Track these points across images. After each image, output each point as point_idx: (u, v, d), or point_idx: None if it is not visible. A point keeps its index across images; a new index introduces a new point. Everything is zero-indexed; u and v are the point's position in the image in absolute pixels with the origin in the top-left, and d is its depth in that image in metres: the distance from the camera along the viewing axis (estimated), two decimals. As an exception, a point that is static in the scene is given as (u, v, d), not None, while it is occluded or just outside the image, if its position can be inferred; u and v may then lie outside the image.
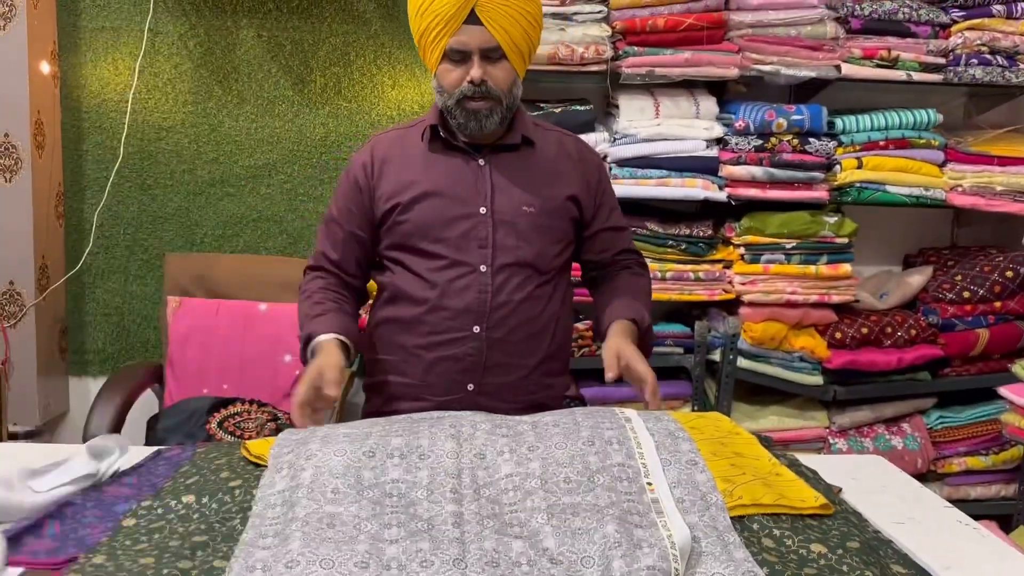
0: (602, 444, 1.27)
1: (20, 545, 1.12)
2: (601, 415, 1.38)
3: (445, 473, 1.21)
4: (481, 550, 1.05)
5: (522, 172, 1.74)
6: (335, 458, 1.22)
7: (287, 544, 1.05)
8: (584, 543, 1.06)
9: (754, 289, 2.73)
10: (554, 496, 1.16)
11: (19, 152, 2.68)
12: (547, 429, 1.32)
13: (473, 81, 1.63)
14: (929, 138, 2.78)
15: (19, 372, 2.79)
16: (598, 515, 1.11)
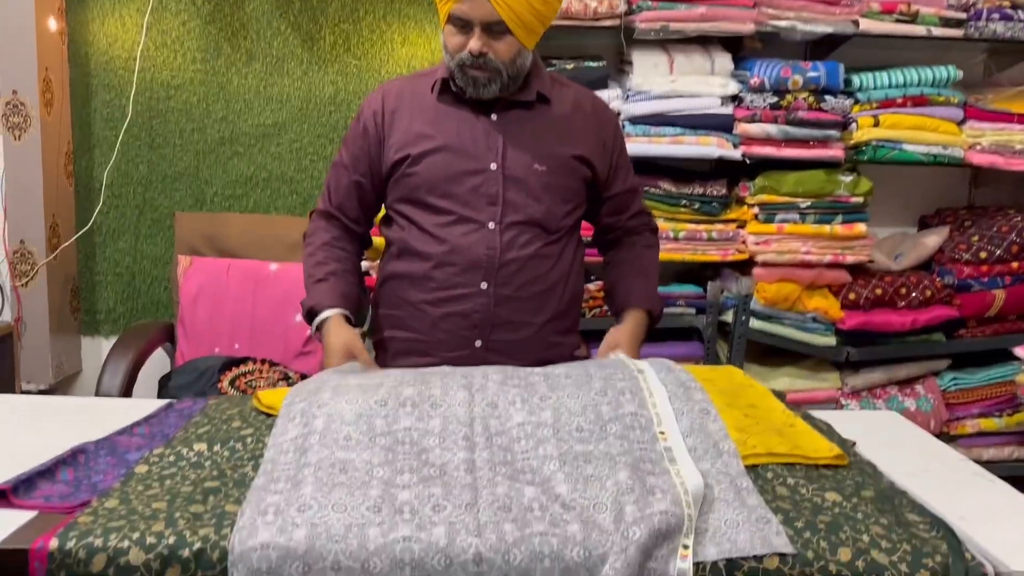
0: (614, 394, 1.27)
1: (34, 489, 1.12)
2: (613, 366, 1.37)
3: (457, 422, 1.20)
4: (493, 495, 1.05)
5: (534, 129, 1.71)
6: (347, 406, 1.22)
7: (299, 489, 1.05)
8: (596, 489, 1.06)
9: (768, 249, 2.71)
10: (566, 444, 1.16)
11: (27, 110, 2.67)
12: (559, 380, 1.31)
13: (472, 52, 1.60)
14: (948, 95, 2.73)
15: (32, 331, 2.80)
16: (610, 463, 1.11)
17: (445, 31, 1.64)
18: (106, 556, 0.96)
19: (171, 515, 1.02)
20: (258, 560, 0.96)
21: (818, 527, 1.04)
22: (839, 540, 1.01)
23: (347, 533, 0.98)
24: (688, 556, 0.99)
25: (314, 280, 1.73)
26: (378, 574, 0.97)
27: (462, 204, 1.67)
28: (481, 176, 1.67)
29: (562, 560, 0.98)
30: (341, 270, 1.74)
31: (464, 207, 1.67)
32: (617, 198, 1.82)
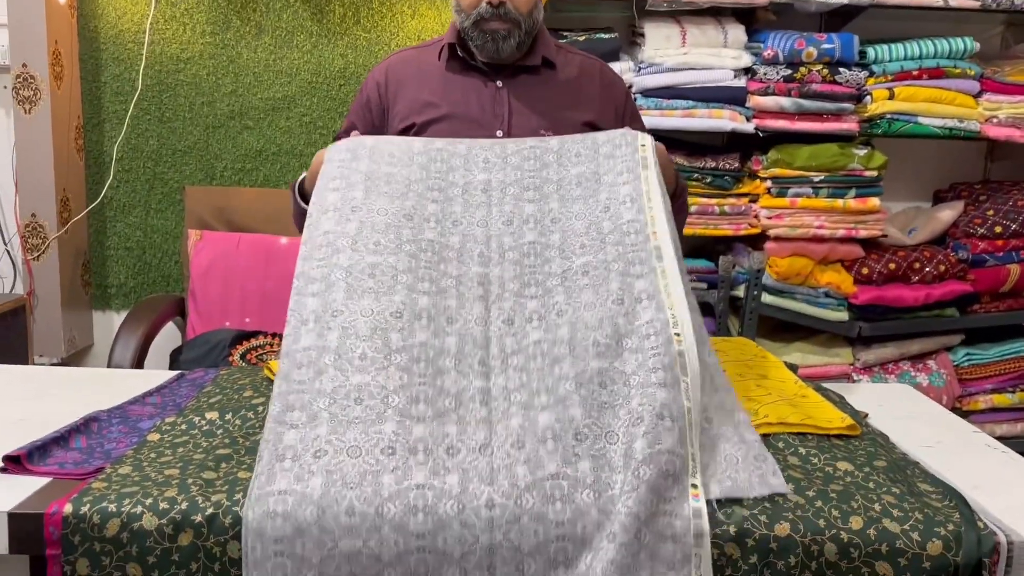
0: (631, 302, 1.22)
1: (47, 456, 1.13)
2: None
3: (473, 343, 1.19)
4: (507, 430, 1.07)
5: (540, 95, 1.70)
6: (362, 320, 1.17)
7: (315, 428, 1.06)
8: (609, 418, 1.07)
9: (780, 223, 2.69)
10: (582, 362, 1.13)
11: (37, 83, 2.66)
12: (576, 280, 1.24)
13: (491, 3, 1.59)
14: (965, 67, 2.70)
15: (44, 305, 2.81)
16: (625, 384, 1.09)
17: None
18: (119, 521, 0.97)
19: (183, 481, 1.03)
20: (274, 503, 0.97)
21: (830, 496, 1.03)
22: (851, 509, 1.01)
23: (361, 480, 1.00)
24: (699, 495, 1.00)
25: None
26: (391, 519, 0.98)
27: None
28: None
29: (573, 502, 0.99)
30: None
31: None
32: None
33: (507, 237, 1.31)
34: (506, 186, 1.33)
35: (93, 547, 0.96)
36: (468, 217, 1.33)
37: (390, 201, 1.30)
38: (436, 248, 1.27)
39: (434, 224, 1.30)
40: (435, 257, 1.25)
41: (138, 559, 0.96)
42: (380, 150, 1.40)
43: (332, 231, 1.26)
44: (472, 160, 1.39)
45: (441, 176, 1.37)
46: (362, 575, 0.97)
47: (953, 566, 0.97)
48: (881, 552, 0.97)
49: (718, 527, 0.98)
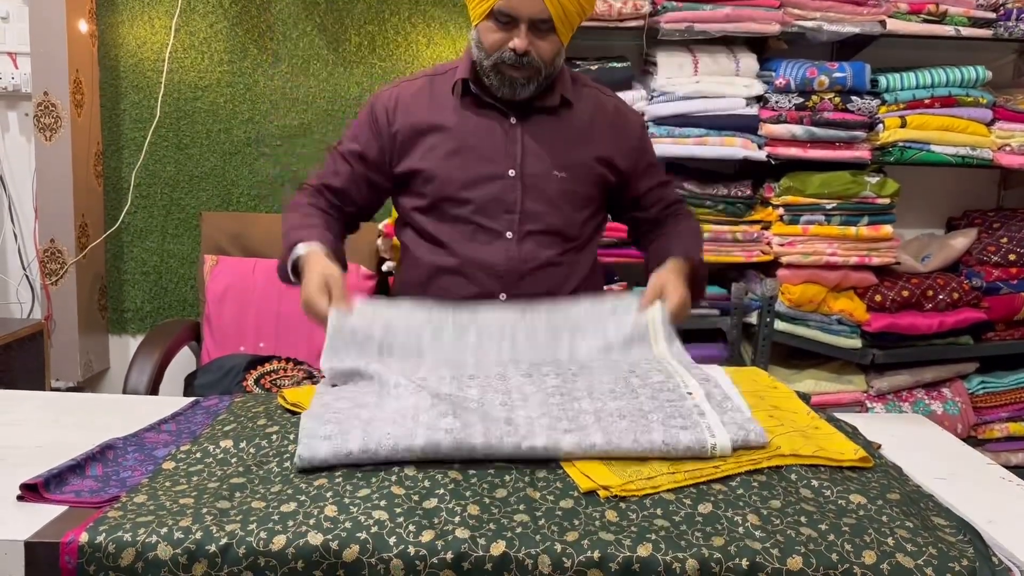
0: (643, 371, 1.36)
1: (64, 484, 1.14)
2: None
3: (494, 391, 1.29)
4: (532, 448, 1.15)
5: (555, 135, 1.67)
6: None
7: (347, 444, 1.14)
8: (629, 442, 1.16)
9: (793, 250, 2.69)
10: (600, 402, 1.25)
11: (58, 111, 2.71)
12: (614, 424, 1.23)
13: (516, 51, 1.55)
14: (977, 96, 2.70)
15: (61, 329, 2.84)
16: (643, 419, 1.20)
17: (482, 28, 1.59)
18: (135, 550, 0.97)
19: (198, 511, 1.04)
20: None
21: (842, 529, 1.03)
22: (864, 543, 1.01)
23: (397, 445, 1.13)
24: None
25: (298, 227, 1.61)
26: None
27: (479, 213, 1.64)
28: (499, 182, 1.64)
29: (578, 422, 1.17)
30: (323, 225, 1.63)
31: (481, 216, 1.64)
32: (649, 194, 1.79)
33: (529, 386, 1.31)
34: (533, 420, 1.25)
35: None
36: (484, 372, 1.36)
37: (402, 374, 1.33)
38: (454, 400, 1.24)
39: (449, 380, 1.32)
40: (453, 407, 1.21)
41: (152, 588, 0.97)
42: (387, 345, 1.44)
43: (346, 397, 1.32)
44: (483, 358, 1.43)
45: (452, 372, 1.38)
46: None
47: (967, 602, 0.96)
48: (894, 587, 0.97)
49: (729, 560, 0.98)
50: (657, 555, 0.97)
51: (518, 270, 1.64)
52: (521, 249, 1.64)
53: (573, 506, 1.07)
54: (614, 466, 1.15)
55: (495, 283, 1.64)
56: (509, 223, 1.64)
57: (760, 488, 1.11)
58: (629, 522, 1.03)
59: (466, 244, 1.65)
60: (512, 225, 1.64)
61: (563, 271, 1.68)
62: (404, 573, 0.96)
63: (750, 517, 1.04)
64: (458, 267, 1.65)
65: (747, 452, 1.18)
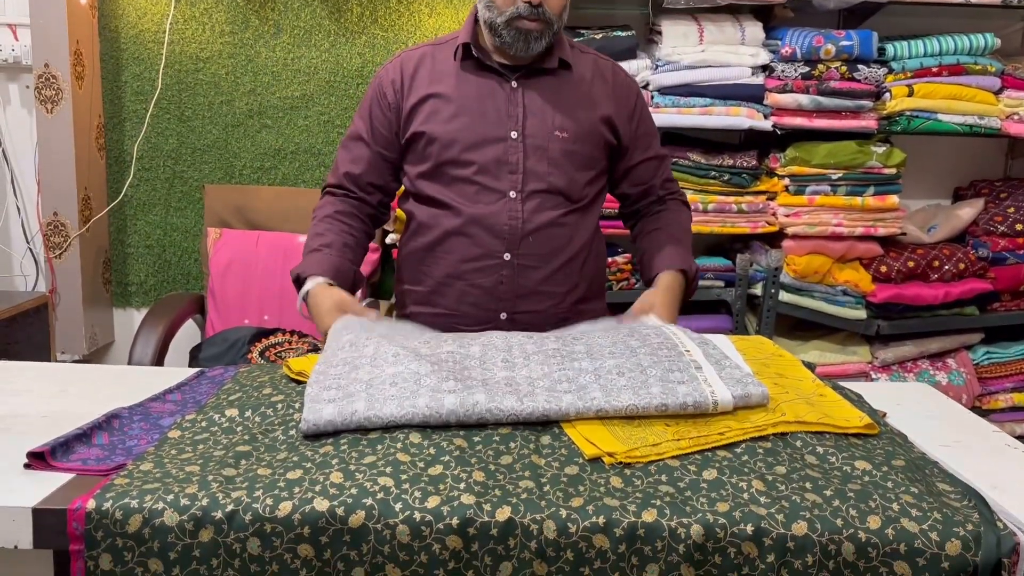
0: (641, 334, 1.38)
1: (71, 453, 1.15)
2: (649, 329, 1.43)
3: (495, 348, 1.33)
4: (534, 403, 1.17)
5: (556, 96, 1.69)
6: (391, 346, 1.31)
7: (352, 403, 1.16)
8: (629, 396, 1.19)
9: (798, 221, 2.68)
10: (599, 361, 1.28)
11: (59, 83, 2.69)
12: (612, 380, 1.25)
13: (531, 2, 1.58)
14: (985, 64, 2.68)
15: (65, 303, 2.84)
16: (642, 375, 1.23)
17: None
18: (141, 517, 0.98)
19: (204, 478, 1.04)
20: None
21: (847, 495, 1.03)
22: (868, 508, 1.01)
23: (400, 405, 1.15)
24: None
25: (308, 251, 1.69)
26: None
27: (482, 173, 1.65)
28: (501, 144, 1.66)
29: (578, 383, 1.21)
30: (339, 243, 1.69)
31: (484, 176, 1.65)
32: (641, 167, 1.79)
33: (530, 345, 1.34)
34: (533, 380, 1.26)
35: (116, 542, 0.97)
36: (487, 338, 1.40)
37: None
38: (457, 358, 1.29)
39: (451, 341, 1.37)
40: (457, 365, 1.26)
41: (159, 555, 0.97)
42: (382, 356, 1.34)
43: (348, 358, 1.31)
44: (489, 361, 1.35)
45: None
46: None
47: (972, 566, 0.96)
48: (899, 552, 0.97)
49: (734, 526, 0.98)
50: (662, 520, 0.98)
51: (521, 229, 1.65)
52: (524, 208, 1.65)
53: (578, 472, 1.07)
54: (618, 432, 1.15)
55: (499, 243, 1.65)
56: (512, 183, 1.66)
57: (765, 455, 1.11)
58: (634, 488, 1.03)
59: (470, 204, 1.66)
60: (515, 185, 1.66)
61: (566, 232, 1.69)
62: (410, 538, 0.96)
63: (755, 483, 1.04)
64: (462, 227, 1.67)
65: (751, 417, 1.18)
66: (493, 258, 1.66)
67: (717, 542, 0.97)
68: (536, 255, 1.66)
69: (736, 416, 1.19)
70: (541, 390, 1.20)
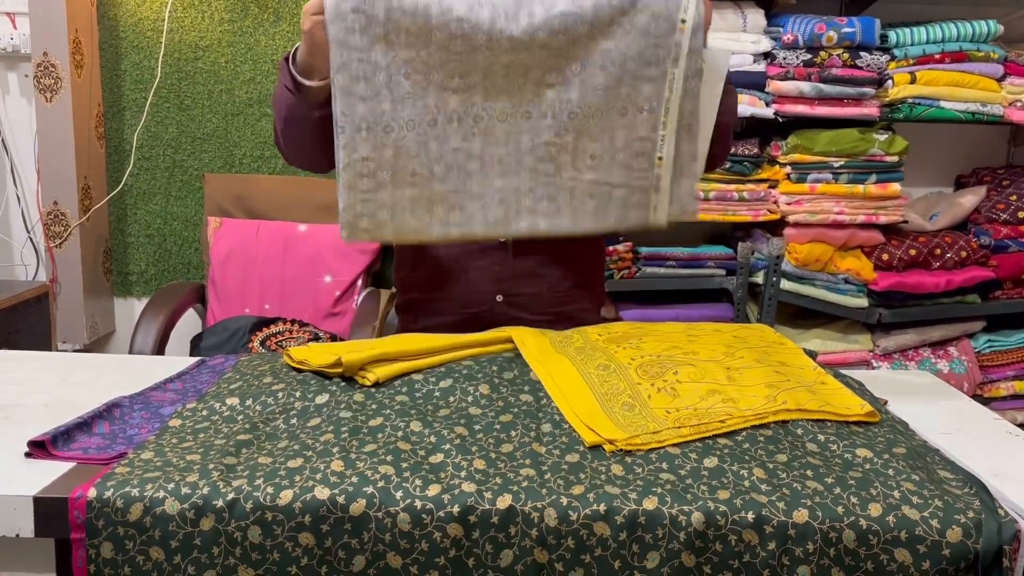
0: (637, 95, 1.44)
1: (71, 441, 1.15)
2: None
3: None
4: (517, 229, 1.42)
5: None
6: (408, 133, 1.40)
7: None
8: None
9: (800, 209, 2.67)
10: (578, 172, 1.44)
11: (58, 71, 2.68)
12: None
13: None
14: (988, 51, 2.66)
15: (66, 292, 2.84)
16: (607, 198, 1.44)
17: None
18: (142, 505, 0.98)
19: (205, 467, 1.04)
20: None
21: (848, 483, 1.03)
22: (870, 496, 1.01)
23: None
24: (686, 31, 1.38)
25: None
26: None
27: None
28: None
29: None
30: None
31: None
32: None
33: (525, 136, 1.42)
34: (528, 69, 1.39)
35: (117, 531, 0.97)
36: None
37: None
38: (465, 28, 1.34)
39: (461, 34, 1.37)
40: (465, 45, 1.34)
41: (161, 543, 0.97)
42: (395, 24, 1.34)
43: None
44: (496, 39, 1.37)
45: (461, 59, 1.37)
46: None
47: (973, 553, 0.97)
48: (900, 539, 0.97)
49: (735, 513, 0.98)
50: (663, 508, 0.98)
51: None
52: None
53: (579, 460, 1.07)
54: (619, 419, 1.15)
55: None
56: None
57: (766, 442, 1.11)
58: (635, 476, 1.03)
59: None
60: None
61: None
62: (411, 527, 0.97)
63: (756, 471, 1.04)
64: None
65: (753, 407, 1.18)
66: (490, 242, 1.66)
67: (718, 530, 0.97)
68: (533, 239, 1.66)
69: (737, 404, 1.19)
70: (524, 209, 1.44)
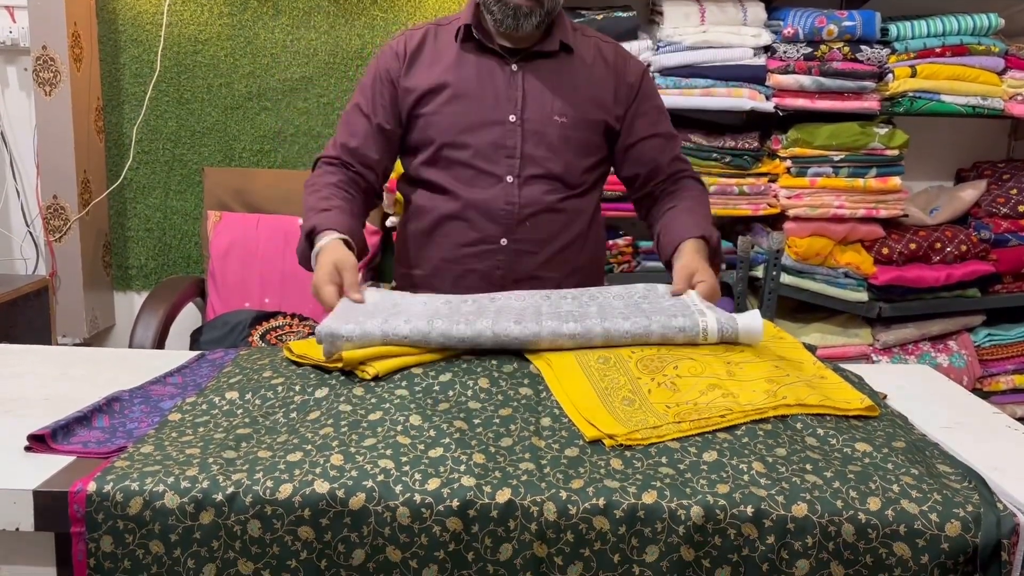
0: (656, 299, 1.46)
1: (71, 435, 1.15)
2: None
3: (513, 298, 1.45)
4: (537, 334, 1.30)
5: (556, 80, 1.67)
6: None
7: (366, 326, 1.28)
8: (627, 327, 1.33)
9: (800, 203, 2.67)
10: (607, 310, 1.38)
11: (57, 65, 2.68)
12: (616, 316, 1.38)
13: None
14: (989, 44, 2.66)
15: (66, 286, 2.84)
16: (644, 318, 1.34)
17: None
18: (142, 499, 0.98)
19: (204, 460, 1.04)
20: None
21: (847, 477, 1.03)
22: (869, 490, 1.01)
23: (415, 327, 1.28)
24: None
25: (317, 210, 1.57)
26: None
27: (479, 157, 1.64)
28: (499, 128, 1.64)
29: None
30: (346, 208, 1.59)
31: (481, 160, 1.64)
32: (646, 144, 1.73)
33: (545, 306, 1.40)
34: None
35: (117, 525, 0.98)
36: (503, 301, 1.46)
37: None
38: (470, 310, 1.38)
39: (470, 303, 1.43)
40: (466, 317, 1.34)
41: (160, 536, 0.97)
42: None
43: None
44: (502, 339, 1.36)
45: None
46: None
47: (971, 547, 0.97)
48: (899, 533, 0.97)
49: (734, 507, 0.98)
50: (662, 502, 0.98)
51: (518, 214, 1.64)
52: (521, 193, 1.64)
53: (578, 454, 1.07)
54: (619, 414, 1.15)
55: (495, 228, 1.64)
56: (509, 167, 1.64)
57: (765, 437, 1.11)
58: (634, 470, 1.04)
59: (467, 188, 1.65)
60: (512, 169, 1.64)
61: (563, 218, 1.67)
62: (410, 520, 0.97)
63: (755, 465, 1.04)
64: (459, 212, 1.65)
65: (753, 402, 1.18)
66: (489, 243, 1.65)
67: (717, 524, 0.97)
68: (533, 240, 1.66)
69: (737, 398, 1.19)
70: (548, 319, 1.33)
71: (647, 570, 0.97)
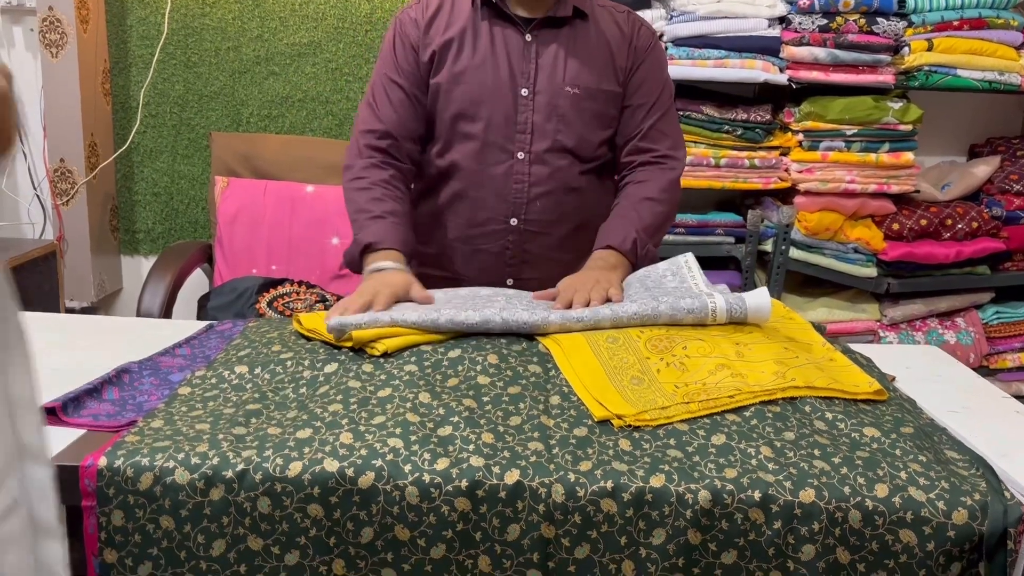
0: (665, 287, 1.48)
1: (82, 408, 1.15)
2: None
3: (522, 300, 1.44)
4: (546, 320, 1.33)
5: (569, 50, 1.63)
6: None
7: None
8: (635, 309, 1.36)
9: (811, 177, 2.65)
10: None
11: (64, 26, 2.65)
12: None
13: None
14: (1008, 18, 2.61)
15: (73, 250, 2.84)
16: (653, 301, 1.36)
17: None
18: (153, 475, 0.99)
19: (214, 436, 1.05)
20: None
21: (855, 463, 1.03)
22: (876, 476, 1.01)
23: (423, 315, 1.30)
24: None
25: (371, 215, 1.56)
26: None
27: (490, 131, 1.61)
28: (511, 101, 1.62)
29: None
30: (402, 213, 1.59)
31: (492, 134, 1.61)
32: (626, 113, 1.66)
33: (554, 316, 1.36)
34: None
35: (127, 500, 0.98)
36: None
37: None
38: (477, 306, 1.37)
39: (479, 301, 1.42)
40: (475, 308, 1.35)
41: (171, 512, 0.98)
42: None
43: None
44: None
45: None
46: None
47: (978, 536, 0.97)
48: (906, 520, 0.97)
49: (742, 492, 0.98)
50: (670, 486, 0.98)
51: (528, 194, 1.62)
52: (532, 171, 1.62)
53: (587, 434, 1.07)
54: (628, 394, 1.15)
55: (505, 207, 1.63)
56: (521, 143, 1.62)
57: (774, 420, 1.11)
58: (642, 452, 1.04)
59: (477, 166, 1.63)
60: (524, 145, 1.62)
61: (576, 198, 1.65)
62: (419, 500, 0.97)
63: (763, 449, 1.05)
64: (469, 191, 1.64)
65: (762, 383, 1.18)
66: (499, 223, 1.64)
67: (724, 508, 0.98)
68: (543, 220, 1.64)
69: (746, 379, 1.19)
70: (556, 313, 1.35)
71: (654, 552, 0.97)
